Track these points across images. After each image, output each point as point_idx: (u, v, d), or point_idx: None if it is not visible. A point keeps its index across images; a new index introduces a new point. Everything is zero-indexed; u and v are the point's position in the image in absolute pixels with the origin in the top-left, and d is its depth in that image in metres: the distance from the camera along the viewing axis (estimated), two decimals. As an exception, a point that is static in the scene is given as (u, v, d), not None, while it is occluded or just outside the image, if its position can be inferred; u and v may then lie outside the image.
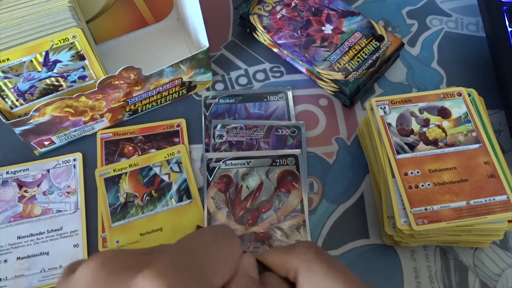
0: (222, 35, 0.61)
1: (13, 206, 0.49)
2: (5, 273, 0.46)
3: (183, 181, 0.51)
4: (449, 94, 0.48)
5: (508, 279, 0.46)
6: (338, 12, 0.58)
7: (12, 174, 0.51)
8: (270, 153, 0.51)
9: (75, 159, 0.52)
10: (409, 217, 0.42)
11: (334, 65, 0.54)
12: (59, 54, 0.46)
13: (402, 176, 0.44)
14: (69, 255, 0.47)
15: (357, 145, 0.53)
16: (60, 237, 0.48)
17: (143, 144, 0.53)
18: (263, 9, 0.58)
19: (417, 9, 0.63)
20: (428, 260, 0.47)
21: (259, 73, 0.58)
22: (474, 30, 0.61)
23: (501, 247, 0.47)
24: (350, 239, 0.48)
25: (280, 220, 0.48)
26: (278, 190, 0.50)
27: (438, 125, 0.47)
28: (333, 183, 0.51)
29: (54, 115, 0.47)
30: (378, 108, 0.48)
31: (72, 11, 0.47)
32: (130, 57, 0.57)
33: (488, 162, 0.44)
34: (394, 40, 0.55)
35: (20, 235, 0.48)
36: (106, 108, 0.50)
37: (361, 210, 0.50)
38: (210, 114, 0.55)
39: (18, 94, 0.47)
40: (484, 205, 0.42)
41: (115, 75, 0.46)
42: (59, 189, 0.50)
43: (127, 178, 0.51)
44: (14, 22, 0.46)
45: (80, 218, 0.49)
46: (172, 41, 0.59)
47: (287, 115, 0.55)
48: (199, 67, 0.52)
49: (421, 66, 0.58)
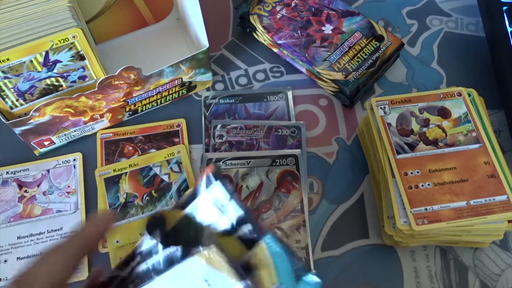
0: (222, 35, 0.61)
1: (13, 206, 0.49)
2: (5, 273, 0.46)
3: (183, 181, 0.51)
4: (449, 94, 0.48)
5: (508, 279, 0.46)
6: (338, 12, 0.58)
7: (12, 174, 0.51)
8: (270, 153, 0.51)
9: (75, 159, 0.52)
10: (409, 217, 0.42)
11: (334, 65, 0.54)
12: (59, 54, 0.46)
13: (402, 176, 0.44)
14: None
15: (357, 145, 0.53)
16: (60, 237, 0.48)
17: (143, 144, 0.53)
18: (263, 9, 0.58)
19: (417, 9, 0.63)
20: (428, 260, 0.47)
21: (259, 73, 0.58)
22: (474, 30, 0.61)
23: (501, 247, 0.47)
24: (350, 239, 0.48)
25: (280, 220, 0.48)
26: (278, 190, 0.50)
27: (438, 125, 0.47)
28: (333, 183, 0.51)
29: (54, 115, 0.47)
30: (378, 108, 0.48)
31: (72, 11, 0.47)
32: (130, 57, 0.57)
33: (488, 162, 0.44)
34: (394, 40, 0.55)
35: (20, 235, 0.48)
36: (106, 108, 0.50)
37: (361, 210, 0.50)
38: (210, 114, 0.55)
39: (18, 94, 0.47)
40: (484, 205, 0.42)
41: (115, 75, 0.46)
42: (59, 189, 0.50)
43: (127, 178, 0.51)
44: (14, 22, 0.46)
45: (80, 218, 0.49)
46: (172, 41, 0.59)
47: (287, 115, 0.55)
48: (199, 67, 0.52)
49: (421, 66, 0.58)
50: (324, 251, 0.47)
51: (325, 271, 0.46)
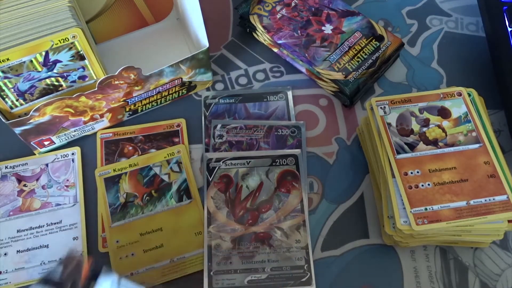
0: (222, 35, 0.61)
1: (13, 200, 0.50)
2: (5, 266, 0.46)
3: (183, 181, 0.51)
4: (449, 94, 0.48)
5: (508, 279, 0.46)
6: (338, 12, 0.58)
7: (11, 168, 0.51)
8: (270, 153, 0.51)
9: (74, 153, 0.52)
10: (409, 217, 0.42)
11: (334, 65, 0.54)
12: (59, 54, 0.46)
13: (402, 176, 0.44)
14: (68, 248, 0.47)
15: (357, 145, 0.53)
16: (59, 230, 0.48)
17: (143, 144, 0.53)
18: (263, 9, 0.58)
19: (417, 9, 0.63)
20: (428, 260, 0.47)
21: (259, 73, 0.58)
22: (474, 30, 0.61)
23: (501, 247, 0.47)
24: (350, 239, 0.48)
25: (280, 220, 0.48)
26: (278, 190, 0.50)
27: (438, 125, 0.47)
28: (333, 183, 0.51)
29: (54, 115, 0.47)
30: (378, 108, 0.48)
31: (72, 11, 0.47)
32: (130, 57, 0.57)
33: (488, 162, 0.44)
34: (394, 40, 0.55)
35: (20, 229, 0.48)
36: (106, 108, 0.50)
37: (361, 210, 0.50)
38: (210, 114, 0.55)
39: (18, 94, 0.47)
40: (484, 205, 0.42)
41: (115, 75, 0.46)
42: (58, 183, 0.50)
43: (127, 178, 0.51)
44: (14, 22, 0.46)
45: (79, 211, 0.49)
46: (172, 41, 0.59)
47: (287, 115, 0.55)
48: (199, 67, 0.52)
49: (421, 66, 0.58)
50: (324, 251, 0.47)
51: (325, 271, 0.46)
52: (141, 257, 0.47)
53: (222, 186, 0.50)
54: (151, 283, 0.46)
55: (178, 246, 0.47)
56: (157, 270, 0.46)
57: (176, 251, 0.47)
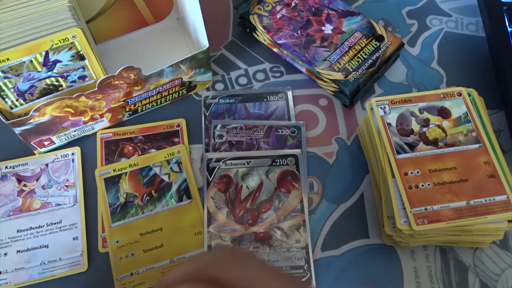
0: (222, 35, 0.61)
1: (12, 200, 0.50)
2: (5, 266, 0.46)
3: (183, 181, 0.51)
4: (449, 94, 0.48)
5: (508, 279, 0.46)
6: (338, 12, 0.58)
7: (11, 168, 0.51)
8: (270, 153, 0.51)
9: (74, 153, 0.52)
10: (409, 217, 0.42)
11: (334, 65, 0.54)
12: (59, 54, 0.46)
13: (402, 176, 0.44)
14: (68, 247, 0.47)
15: (357, 145, 0.53)
16: (59, 230, 0.48)
17: (143, 144, 0.53)
18: (263, 9, 0.58)
19: (417, 9, 0.63)
20: (428, 260, 0.47)
21: (259, 73, 0.58)
22: (474, 30, 0.61)
23: (501, 247, 0.47)
24: (350, 239, 0.48)
25: (280, 220, 0.48)
26: (278, 190, 0.50)
27: (438, 125, 0.47)
28: (333, 183, 0.51)
29: (54, 115, 0.47)
30: (378, 108, 0.48)
31: (72, 11, 0.47)
32: (130, 57, 0.57)
33: (488, 162, 0.44)
34: (394, 40, 0.55)
35: (20, 229, 0.48)
36: (106, 108, 0.50)
37: (361, 210, 0.50)
38: (210, 114, 0.55)
39: (18, 94, 0.47)
40: (484, 205, 0.42)
41: (115, 75, 0.46)
42: (58, 183, 0.51)
43: (127, 178, 0.51)
44: (14, 22, 0.46)
45: (79, 211, 0.49)
46: (172, 41, 0.59)
47: (287, 115, 0.55)
48: (199, 67, 0.52)
49: (421, 66, 0.58)
50: (324, 251, 0.47)
51: (325, 271, 0.46)
52: (141, 257, 0.47)
53: (222, 186, 0.50)
54: (151, 283, 0.46)
55: (178, 246, 0.47)
56: (157, 270, 0.46)
57: (176, 251, 0.47)
